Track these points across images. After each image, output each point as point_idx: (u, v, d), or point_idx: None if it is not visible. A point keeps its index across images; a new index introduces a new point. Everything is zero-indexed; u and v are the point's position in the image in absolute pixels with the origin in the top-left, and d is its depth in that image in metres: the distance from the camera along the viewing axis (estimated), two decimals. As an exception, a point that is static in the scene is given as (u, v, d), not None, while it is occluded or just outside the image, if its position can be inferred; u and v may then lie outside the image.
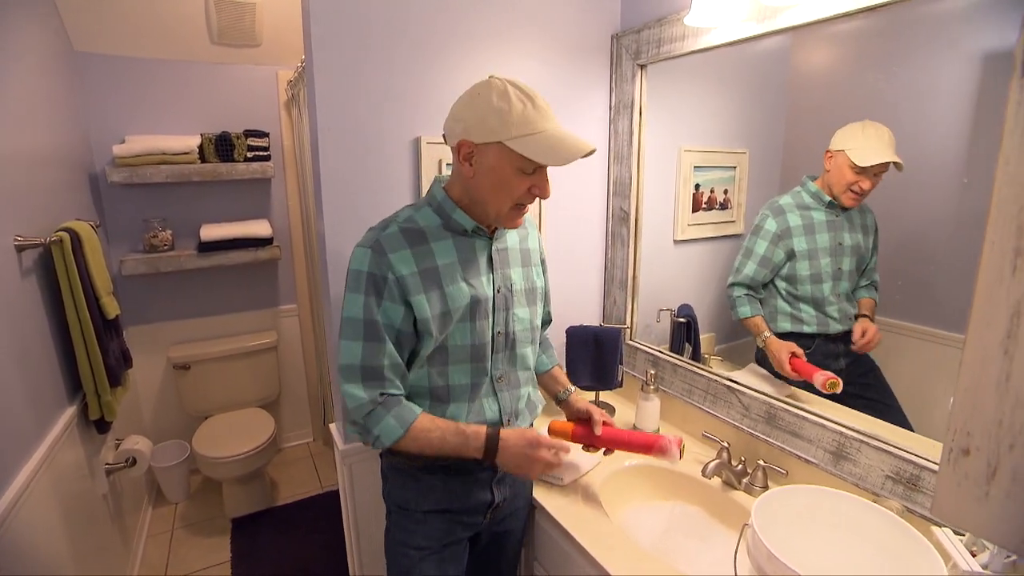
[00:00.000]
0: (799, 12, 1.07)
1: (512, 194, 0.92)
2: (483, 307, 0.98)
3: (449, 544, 1.06)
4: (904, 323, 1.11)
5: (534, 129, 0.87)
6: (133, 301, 2.45)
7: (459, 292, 0.96)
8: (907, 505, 0.96)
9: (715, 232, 1.53)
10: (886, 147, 1.03)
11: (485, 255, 1.00)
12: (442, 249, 0.96)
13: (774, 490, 0.92)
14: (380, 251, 0.92)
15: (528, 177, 0.92)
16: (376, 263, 0.92)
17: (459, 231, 0.98)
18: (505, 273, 1.03)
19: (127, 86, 2.31)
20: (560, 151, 0.88)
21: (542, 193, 0.94)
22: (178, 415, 2.63)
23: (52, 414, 1.52)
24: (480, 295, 0.98)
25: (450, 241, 0.97)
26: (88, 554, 1.60)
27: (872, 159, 1.06)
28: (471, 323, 0.98)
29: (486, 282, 0.99)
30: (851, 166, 1.09)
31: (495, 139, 0.88)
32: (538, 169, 0.92)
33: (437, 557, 1.04)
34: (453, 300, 0.95)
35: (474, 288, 0.97)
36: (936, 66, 1.00)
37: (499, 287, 1.01)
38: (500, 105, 0.87)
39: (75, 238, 1.62)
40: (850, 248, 1.19)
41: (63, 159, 1.90)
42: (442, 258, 0.96)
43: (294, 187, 2.69)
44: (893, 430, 1.05)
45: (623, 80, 1.55)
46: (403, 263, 0.92)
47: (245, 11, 2.20)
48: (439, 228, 0.97)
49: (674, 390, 1.48)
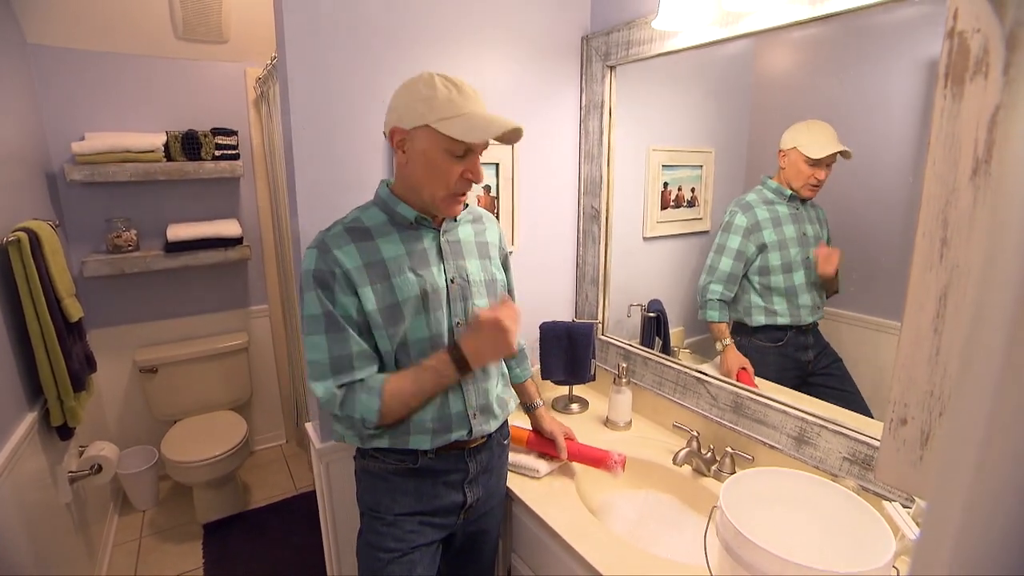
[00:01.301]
0: (758, 18, 1.12)
1: (444, 179, 0.94)
2: (436, 297, 0.99)
3: (419, 547, 1.05)
4: (862, 315, 1.17)
5: (459, 111, 0.90)
6: (97, 303, 2.37)
7: (406, 283, 0.97)
8: (861, 484, 1.02)
9: (683, 229, 1.58)
10: (832, 140, 1.13)
11: (434, 246, 1.02)
12: (388, 243, 0.98)
13: (740, 473, 0.96)
14: (325, 249, 0.95)
15: (459, 161, 0.93)
16: (322, 260, 0.94)
17: (405, 224, 1.00)
18: (459, 264, 1.03)
19: (86, 81, 2.23)
20: (483, 128, 0.91)
21: (475, 177, 0.96)
22: (145, 420, 2.56)
23: (11, 421, 1.47)
24: (430, 285, 0.98)
25: (396, 235, 0.99)
26: (51, 565, 1.55)
27: (823, 151, 1.15)
28: (426, 315, 0.98)
29: (437, 272, 1.00)
30: (805, 160, 1.18)
31: (423, 123, 0.91)
32: (468, 153, 0.94)
33: (407, 560, 1.04)
34: (401, 291, 0.96)
35: (422, 278, 0.98)
36: (885, 72, 1.06)
37: (452, 277, 1.02)
38: (427, 92, 0.91)
39: (34, 238, 1.56)
40: (813, 239, 1.26)
41: (16, 156, 1.82)
42: (388, 252, 0.97)
43: (264, 186, 2.65)
44: (852, 416, 1.11)
45: (593, 80, 1.58)
46: (347, 257, 0.94)
47: (210, 6, 2.16)
48: (385, 224, 0.99)
49: (645, 382, 1.53)
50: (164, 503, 2.50)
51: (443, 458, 1.05)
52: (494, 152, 1.52)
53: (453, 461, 1.06)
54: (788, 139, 1.21)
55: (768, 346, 1.33)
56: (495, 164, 1.53)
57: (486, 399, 1.07)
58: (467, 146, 0.92)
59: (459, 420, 1.03)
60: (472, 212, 1.11)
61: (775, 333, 1.31)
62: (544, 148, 1.62)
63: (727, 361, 1.36)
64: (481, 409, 1.06)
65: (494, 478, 1.15)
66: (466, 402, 1.04)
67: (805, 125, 1.19)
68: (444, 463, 1.05)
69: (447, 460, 1.06)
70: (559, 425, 1.30)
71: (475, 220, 1.11)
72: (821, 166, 1.17)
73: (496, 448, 1.14)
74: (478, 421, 1.05)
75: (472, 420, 1.04)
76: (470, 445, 1.07)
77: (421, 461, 1.03)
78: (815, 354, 1.26)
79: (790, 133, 1.21)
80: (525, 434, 1.32)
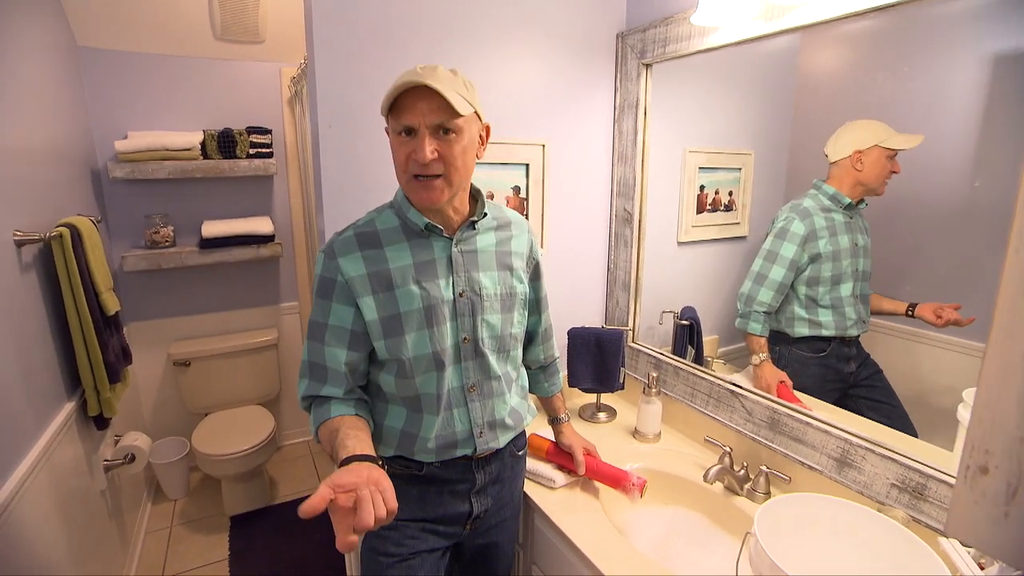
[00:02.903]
0: (809, 11, 1.05)
1: (400, 162, 0.89)
2: (440, 312, 0.94)
3: (420, 553, 1.03)
4: (906, 327, 1.09)
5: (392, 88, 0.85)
6: (134, 297, 2.44)
7: (409, 295, 0.93)
8: (913, 515, 0.94)
9: (719, 234, 1.51)
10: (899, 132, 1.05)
11: (445, 257, 0.96)
12: (396, 252, 0.95)
13: (777, 498, 0.90)
14: (331, 255, 0.94)
15: (407, 140, 0.87)
16: (328, 267, 0.94)
17: (416, 232, 0.96)
18: (472, 276, 0.98)
19: (130, 81, 2.30)
20: (395, 84, 0.84)
21: (416, 154, 0.86)
22: (178, 412, 2.63)
23: (50, 410, 1.51)
24: (435, 299, 0.94)
25: (406, 244, 0.95)
26: (86, 550, 1.59)
27: (910, 141, 1.05)
28: (429, 329, 0.94)
29: (444, 285, 0.95)
30: (888, 155, 1.08)
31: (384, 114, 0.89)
32: (411, 132, 0.86)
33: (406, 565, 1.01)
34: (403, 302, 0.93)
35: (427, 291, 0.94)
36: (947, 67, 0.98)
37: (462, 291, 0.96)
38: None
39: (75, 233, 1.61)
40: (863, 249, 1.18)
41: (65, 154, 1.89)
42: (395, 261, 0.94)
43: (296, 184, 2.68)
44: (898, 436, 1.03)
45: (628, 79, 1.53)
46: (352, 265, 0.93)
47: (248, 7, 2.19)
48: (397, 231, 0.96)
49: (676, 393, 1.47)
50: (194, 494, 2.56)
51: (449, 467, 1.02)
52: (524, 152, 1.49)
53: (460, 471, 1.03)
54: (863, 138, 1.10)
55: (809, 356, 1.26)
56: (525, 164, 1.50)
57: (493, 415, 1.03)
58: (403, 124, 0.85)
59: (464, 438, 1.00)
60: (498, 218, 1.04)
61: (818, 344, 1.24)
62: (576, 149, 1.57)
63: (764, 376, 1.28)
64: (489, 425, 1.03)
65: (506, 489, 1.11)
66: (471, 421, 1.01)
67: (865, 123, 1.10)
68: (450, 472, 1.02)
69: (453, 469, 1.03)
70: (580, 439, 1.25)
71: (500, 227, 1.04)
72: (895, 157, 1.08)
73: (508, 459, 1.10)
74: (484, 439, 1.02)
75: (478, 439, 1.01)
76: (478, 456, 1.04)
77: (426, 469, 1.01)
78: (857, 365, 1.19)
79: (859, 133, 1.11)
80: (546, 444, 1.29)
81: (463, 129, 0.87)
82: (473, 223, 0.98)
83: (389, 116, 0.88)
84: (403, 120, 0.85)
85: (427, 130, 0.85)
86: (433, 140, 0.85)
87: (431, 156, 0.85)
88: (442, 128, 0.85)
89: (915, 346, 1.07)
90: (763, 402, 1.24)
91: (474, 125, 0.91)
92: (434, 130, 0.85)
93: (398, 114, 0.86)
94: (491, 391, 1.02)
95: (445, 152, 0.86)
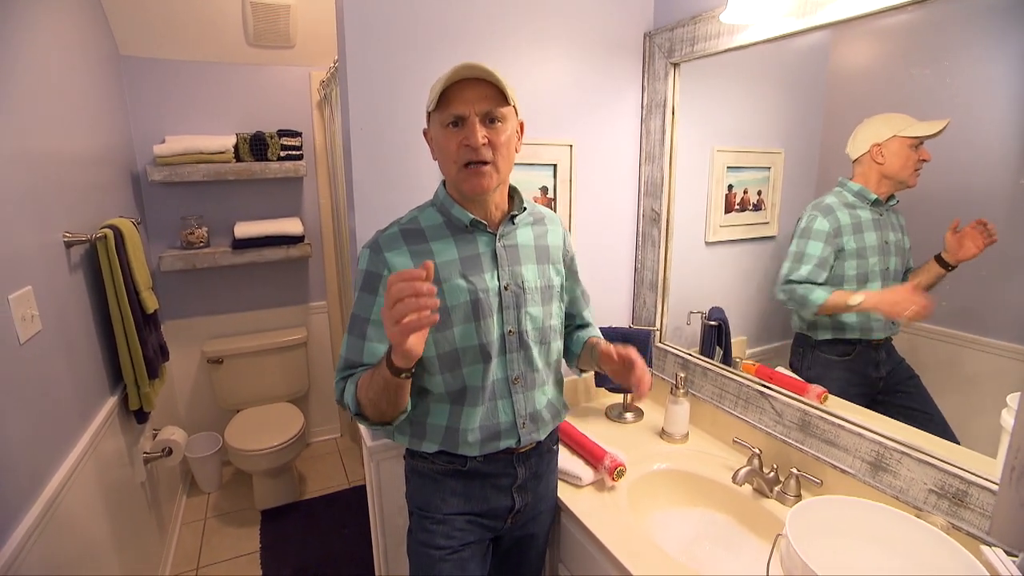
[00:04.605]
0: (843, 6, 1.03)
1: (450, 152, 0.91)
2: (486, 305, 0.96)
3: (470, 544, 1.05)
4: (946, 329, 1.06)
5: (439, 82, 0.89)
6: (170, 296, 2.53)
7: (457, 289, 0.95)
8: (953, 522, 0.91)
9: (748, 234, 1.49)
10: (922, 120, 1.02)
11: (489, 251, 0.99)
12: (442, 247, 0.97)
13: (809, 500, 0.89)
14: (377, 249, 0.96)
15: (456, 131, 0.90)
16: (373, 261, 0.96)
17: (460, 227, 0.98)
18: (515, 270, 1.00)
19: (168, 88, 2.38)
20: (442, 82, 0.88)
21: (468, 141, 0.89)
22: (211, 408, 2.71)
23: (95, 404, 1.58)
24: (481, 293, 0.96)
25: (451, 239, 0.98)
26: (127, 538, 1.66)
27: (933, 126, 1.01)
28: (476, 322, 0.96)
29: (490, 279, 0.97)
30: (911, 144, 1.05)
31: (428, 111, 0.94)
32: (461, 121, 0.90)
33: (457, 557, 1.04)
34: (450, 296, 0.95)
35: (473, 285, 0.96)
36: (986, 62, 0.95)
37: (507, 284, 0.99)
38: None
39: (118, 234, 1.68)
40: (894, 247, 1.15)
41: (108, 158, 1.98)
42: (441, 256, 0.96)
43: (325, 186, 2.74)
44: (936, 441, 1.00)
45: (655, 79, 1.52)
46: (399, 259, 0.95)
47: (280, 13, 2.25)
48: (441, 227, 0.99)
49: (704, 394, 1.46)
50: (227, 487, 2.63)
51: (492, 462, 1.04)
52: (551, 153, 1.49)
53: (502, 466, 1.05)
54: (881, 131, 1.08)
55: (834, 360, 1.23)
56: (552, 165, 1.51)
57: (535, 407, 1.05)
58: (453, 113, 0.89)
59: (508, 429, 1.02)
60: (533, 213, 1.07)
61: (842, 347, 1.21)
62: (603, 148, 1.57)
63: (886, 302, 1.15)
64: (531, 417, 1.04)
65: (543, 483, 1.13)
66: (515, 411, 1.02)
67: (885, 117, 1.08)
68: (493, 467, 1.04)
69: (496, 464, 1.04)
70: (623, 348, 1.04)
71: (536, 222, 1.07)
72: (923, 145, 1.05)
73: (546, 454, 1.12)
74: (527, 430, 1.03)
75: (521, 429, 1.03)
76: (519, 451, 1.05)
77: (470, 464, 1.03)
78: (887, 371, 1.15)
79: (876, 126, 1.09)
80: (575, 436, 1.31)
81: (508, 118, 0.92)
82: (512, 218, 1.01)
83: (435, 111, 0.91)
84: (452, 110, 0.89)
85: (476, 117, 0.88)
86: (482, 127, 0.89)
87: (483, 140, 0.88)
88: (489, 116, 0.90)
89: (958, 350, 1.03)
90: (794, 403, 1.22)
91: (514, 119, 0.95)
92: (482, 118, 0.89)
93: (446, 105, 0.89)
94: (534, 382, 1.04)
95: (493, 139, 0.90)
